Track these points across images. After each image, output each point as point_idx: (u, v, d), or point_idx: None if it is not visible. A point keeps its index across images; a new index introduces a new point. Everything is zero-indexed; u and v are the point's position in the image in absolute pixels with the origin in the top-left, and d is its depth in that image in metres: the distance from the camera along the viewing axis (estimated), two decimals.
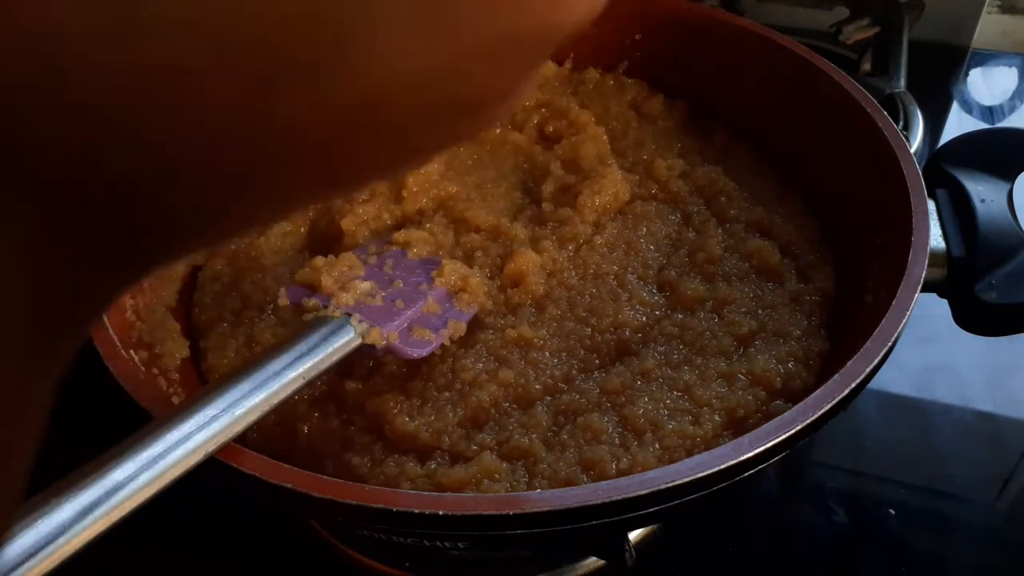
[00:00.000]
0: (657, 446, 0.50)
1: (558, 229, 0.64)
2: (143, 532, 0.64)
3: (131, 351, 0.50)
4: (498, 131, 0.73)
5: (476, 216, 0.65)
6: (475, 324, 0.58)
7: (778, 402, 0.52)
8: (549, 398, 0.54)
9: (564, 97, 0.76)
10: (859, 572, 0.62)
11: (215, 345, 0.59)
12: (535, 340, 0.56)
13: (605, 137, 0.72)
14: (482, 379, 0.54)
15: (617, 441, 0.50)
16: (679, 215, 0.66)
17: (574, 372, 0.56)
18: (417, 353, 0.53)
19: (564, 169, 0.69)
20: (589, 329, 0.58)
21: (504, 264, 0.61)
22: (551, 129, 0.73)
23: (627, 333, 0.57)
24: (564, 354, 0.57)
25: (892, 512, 0.64)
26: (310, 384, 0.47)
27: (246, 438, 0.53)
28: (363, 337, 0.50)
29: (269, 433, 0.53)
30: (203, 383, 0.57)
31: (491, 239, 0.64)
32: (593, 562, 0.60)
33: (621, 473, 0.47)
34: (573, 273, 0.61)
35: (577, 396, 0.53)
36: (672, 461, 0.47)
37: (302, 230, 0.67)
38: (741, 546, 0.63)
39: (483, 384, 0.53)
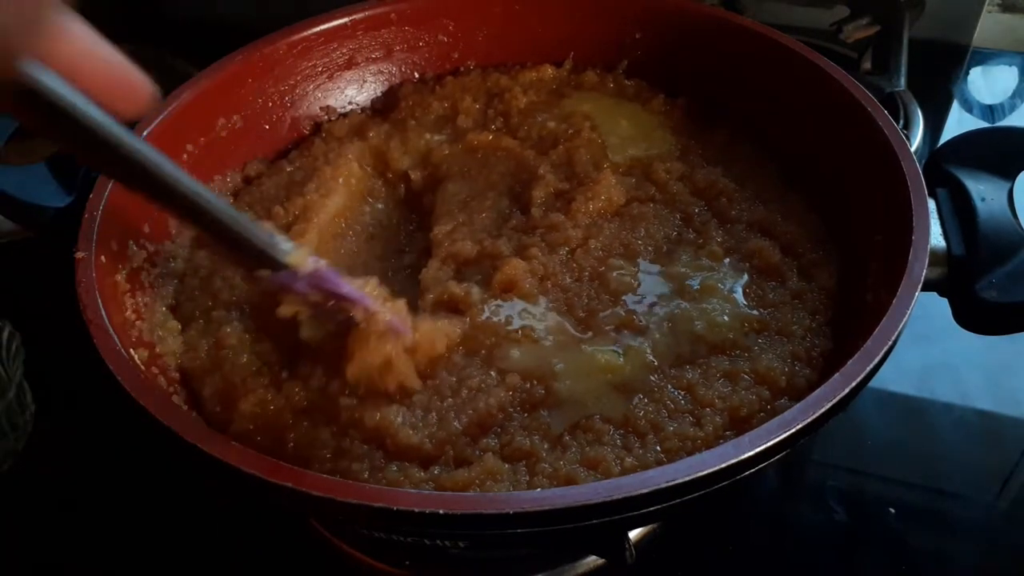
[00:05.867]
0: (658, 448, 0.49)
1: (547, 235, 0.63)
2: (144, 532, 0.64)
3: (130, 350, 0.50)
4: (491, 137, 0.73)
5: (463, 248, 0.63)
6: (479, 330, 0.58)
7: (782, 400, 0.52)
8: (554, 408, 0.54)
9: (562, 100, 0.76)
10: (859, 571, 0.62)
11: (190, 344, 0.58)
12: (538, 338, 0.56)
13: (601, 141, 0.71)
14: (488, 385, 0.54)
15: (619, 443, 0.50)
16: (679, 216, 0.66)
17: None
18: (346, 290, 0.50)
19: (557, 174, 0.68)
20: (590, 333, 0.57)
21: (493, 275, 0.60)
22: (545, 133, 0.73)
23: (625, 334, 0.57)
24: None
25: (892, 511, 0.64)
26: (210, 229, 0.45)
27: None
28: (293, 252, 0.47)
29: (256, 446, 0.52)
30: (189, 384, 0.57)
31: (475, 264, 0.63)
32: (593, 561, 0.60)
33: (625, 473, 0.47)
34: (567, 276, 0.61)
35: None
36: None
37: None
38: (741, 545, 0.63)
39: (490, 389, 0.53)
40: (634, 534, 0.61)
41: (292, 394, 0.54)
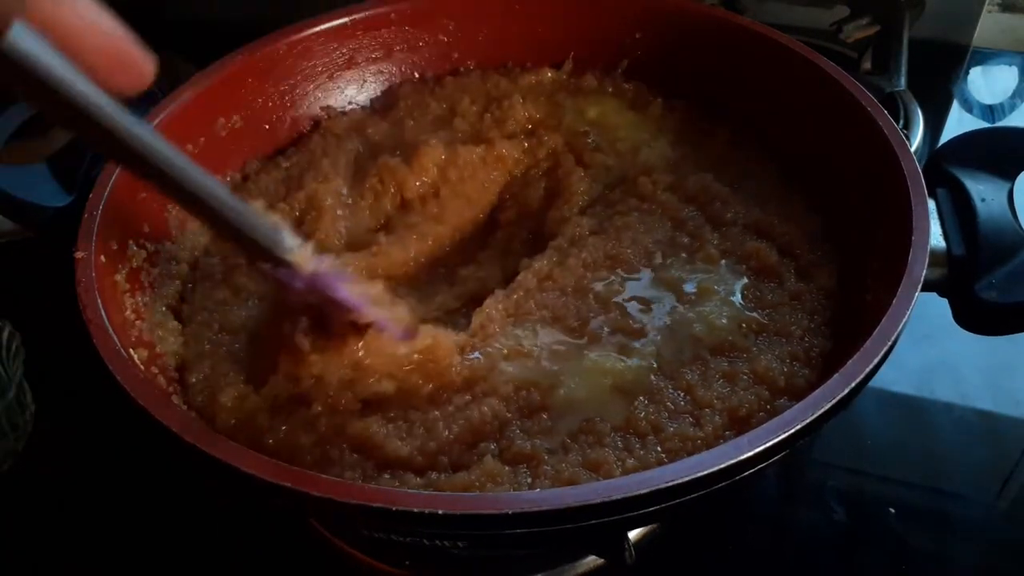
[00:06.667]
0: (659, 449, 0.49)
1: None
2: (144, 532, 0.64)
3: (130, 349, 0.50)
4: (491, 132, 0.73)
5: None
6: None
7: (782, 400, 0.52)
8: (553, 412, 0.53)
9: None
10: (859, 571, 0.62)
11: (191, 335, 0.59)
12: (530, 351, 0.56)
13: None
14: (482, 394, 0.53)
15: (620, 445, 0.50)
16: (669, 222, 0.65)
17: None
18: (343, 295, 0.48)
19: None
20: (585, 339, 0.57)
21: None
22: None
23: (622, 338, 0.57)
24: None
25: (892, 511, 0.64)
26: (211, 219, 0.43)
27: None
28: (296, 250, 0.45)
29: None
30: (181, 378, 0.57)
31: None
32: (592, 561, 0.60)
33: (626, 474, 0.47)
34: (552, 294, 0.60)
35: None
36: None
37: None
38: (741, 545, 0.63)
39: (482, 399, 0.53)
40: (634, 534, 0.61)
41: (269, 394, 0.53)
